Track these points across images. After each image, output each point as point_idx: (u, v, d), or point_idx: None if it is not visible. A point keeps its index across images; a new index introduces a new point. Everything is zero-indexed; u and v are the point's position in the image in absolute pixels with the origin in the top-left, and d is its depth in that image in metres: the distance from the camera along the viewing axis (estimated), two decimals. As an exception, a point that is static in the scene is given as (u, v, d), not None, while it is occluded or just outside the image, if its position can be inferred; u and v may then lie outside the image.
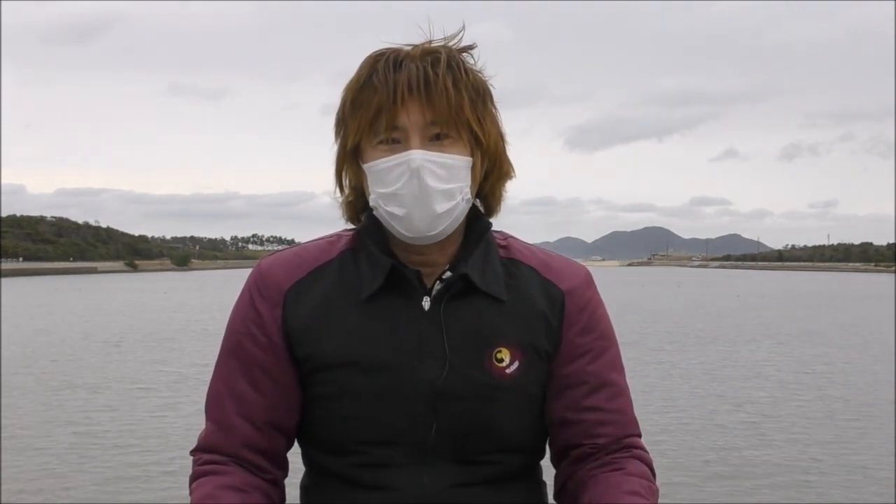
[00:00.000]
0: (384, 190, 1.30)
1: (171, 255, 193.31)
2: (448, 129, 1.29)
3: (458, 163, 1.30)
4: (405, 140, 1.29)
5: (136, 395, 14.47)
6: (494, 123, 1.35)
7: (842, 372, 17.66)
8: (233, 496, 1.32)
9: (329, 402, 1.35)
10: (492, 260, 1.39)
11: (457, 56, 1.31)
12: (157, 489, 8.75)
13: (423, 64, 1.28)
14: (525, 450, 1.40)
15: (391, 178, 1.29)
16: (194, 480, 1.37)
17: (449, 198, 1.30)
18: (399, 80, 1.27)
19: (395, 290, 1.35)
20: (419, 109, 1.27)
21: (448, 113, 1.28)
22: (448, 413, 1.32)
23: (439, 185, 1.29)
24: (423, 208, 1.29)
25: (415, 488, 1.33)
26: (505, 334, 1.35)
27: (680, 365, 18.52)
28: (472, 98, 1.30)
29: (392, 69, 1.28)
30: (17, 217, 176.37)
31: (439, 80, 1.27)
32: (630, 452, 1.39)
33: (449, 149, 1.30)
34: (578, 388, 1.38)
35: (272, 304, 1.37)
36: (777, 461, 9.94)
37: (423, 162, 1.27)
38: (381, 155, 1.30)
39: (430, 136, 1.29)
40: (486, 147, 1.34)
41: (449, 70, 1.28)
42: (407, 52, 1.31)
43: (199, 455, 1.40)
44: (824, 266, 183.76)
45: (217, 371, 1.42)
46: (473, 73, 1.32)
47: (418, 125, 1.28)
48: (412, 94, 1.27)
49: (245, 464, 1.37)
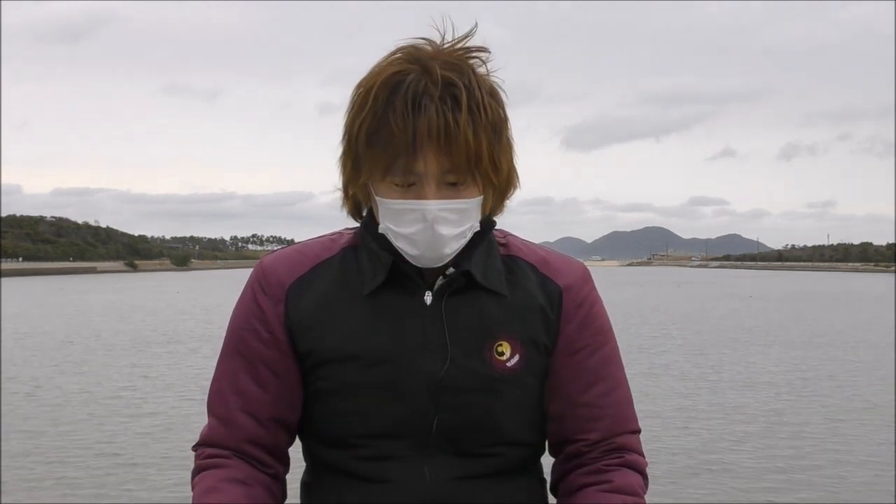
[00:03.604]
0: (396, 229, 1.31)
1: (170, 255, 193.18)
2: (464, 178, 1.29)
3: (471, 205, 1.31)
4: (420, 184, 1.28)
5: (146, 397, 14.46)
6: (507, 155, 1.33)
7: (842, 372, 17.64)
8: (236, 489, 1.33)
9: (331, 397, 1.36)
10: (493, 257, 1.40)
11: (477, 94, 1.27)
12: (157, 489, 8.74)
13: (442, 107, 1.25)
14: (525, 443, 1.41)
15: (404, 220, 1.30)
16: (197, 474, 1.38)
17: (460, 238, 1.32)
18: (419, 128, 1.24)
19: (396, 286, 1.36)
20: (436, 158, 1.26)
21: (466, 164, 1.27)
22: (449, 406, 1.33)
23: (452, 230, 1.30)
24: (435, 252, 1.31)
25: (416, 481, 1.34)
26: (506, 328, 1.36)
27: (680, 365, 18.52)
28: (489, 141, 1.28)
29: (411, 110, 1.25)
30: (17, 217, 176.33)
31: (460, 131, 1.25)
32: (621, 458, 1.38)
33: (463, 194, 1.30)
34: (575, 382, 1.40)
35: (275, 300, 1.39)
36: (776, 461, 9.93)
37: (438, 213, 1.28)
38: (395, 195, 1.29)
39: (446, 183, 1.29)
40: (499, 182, 1.33)
41: (469, 115, 1.26)
42: (425, 86, 1.26)
43: (201, 450, 1.40)
44: (824, 266, 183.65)
45: (219, 367, 1.43)
46: (492, 108, 1.29)
47: (435, 174, 1.27)
48: (431, 142, 1.25)
49: (247, 458, 1.38)
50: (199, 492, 1.34)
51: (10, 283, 74.50)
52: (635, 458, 1.39)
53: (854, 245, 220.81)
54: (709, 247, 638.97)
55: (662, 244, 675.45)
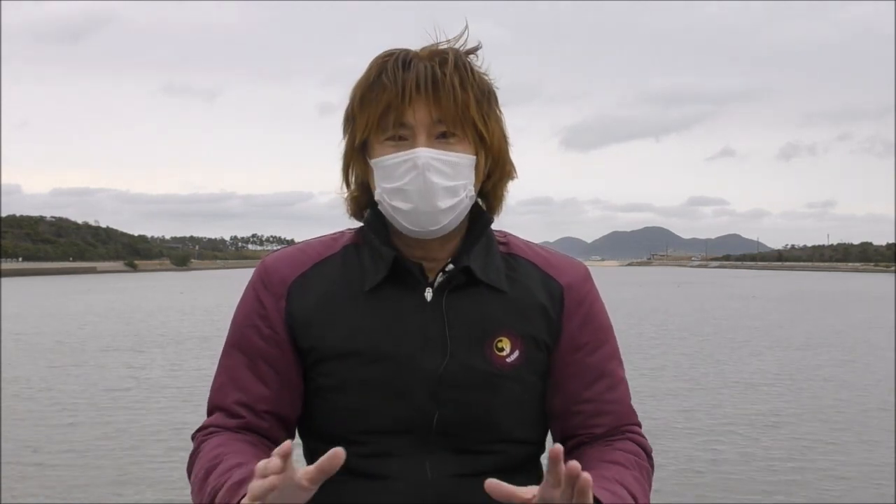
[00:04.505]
0: (390, 185, 1.33)
1: (170, 254, 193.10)
2: (454, 128, 1.33)
3: (463, 160, 1.34)
4: (412, 137, 1.32)
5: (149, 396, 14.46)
6: (499, 124, 1.39)
7: (842, 372, 17.64)
8: (243, 445, 1.33)
9: (332, 393, 1.37)
10: (492, 254, 1.42)
11: (464, 57, 1.35)
12: (158, 489, 8.74)
13: (431, 64, 1.33)
14: (526, 440, 1.41)
15: (397, 173, 1.32)
16: (198, 446, 1.36)
17: (453, 194, 1.34)
18: (407, 79, 1.31)
19: (397, 283, 1.37)
20: (426, 108, 1.31)
21: (454, 112, 1.31)
22: (450, 402, 1.34)
23: (444, 181, 1.32)
24: (428, 204, 1.32)
25: (418, 478, 1.34)
26: (505, 324, 1.38)
27: (681, 365, 18.51)
28: (478, 98, 1.34)
29: (401, 68, 1.32)
30: (17, 217, 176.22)
31: (447, 79, 1.31)
32: (624, 436, 1.41)
33: (454, 147, 1.33)
34: (577, 379, 1.41)
35: (276, 296, 1.40)
36: (776, 461, 9.94)
37: (429, 159, 1.31)
38: (388, 151, 1.33)
39: (437, 135, 1.33)
40: (490, 146, 1.37)
41: (456, 70, 1.32)
42: (416, 53, 1.35)
43: (200, 434, 1.40)
44: (824, 266, 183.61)
45: (221, 363, 1.44)
46: (480, 75, 1.36)
47: (425, 123, 1.32)
48: (420, 93, 1.31)
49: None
50: (206, 451, 1.32)
51: (10, 283, 74.51)
52: (638, 437, 1.42)
53: (854, 245, 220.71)
54: (709, 247, 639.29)
55: (662, 244, 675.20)
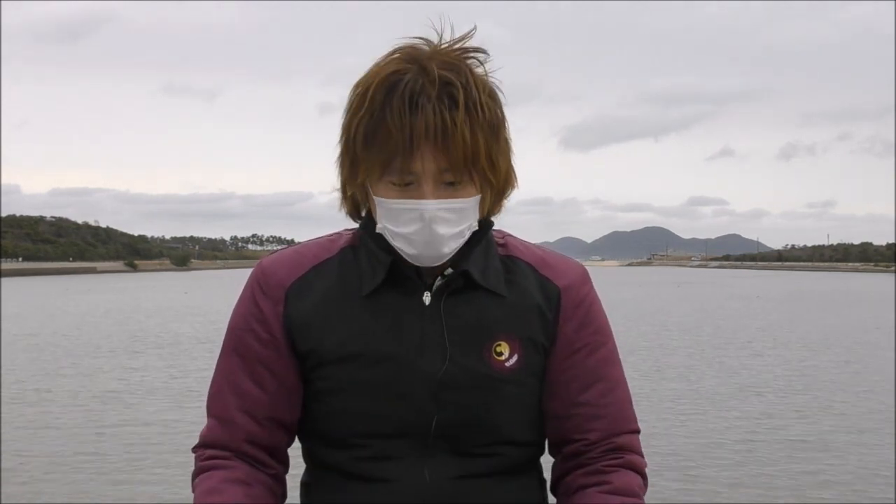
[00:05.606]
0: (394, 228, 1.31)
1: (170, 254, 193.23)
2: (461, 176, 1.29)
3: (469, 204, 1.31)
4: (418, 183, 1.28)
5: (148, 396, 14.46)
6: (506, 155, 1.34)
7: (841, 372, 17.63)
8: (237, 489, 1.34)
9: (331, 397, 1.36)
10: (491, 257, 1.41)
11: (474, 93, 1.27)
12: (159, 488, 8.74)
13: (439, 106, 1.25)
14: (525, 443, 1.41)
15: (402, 219, 1.30)
16: (197, 475, 1.39)
17: (458, 238, 1.32)
18: (415, 126, 1.24)
19: (395, 286, 1.36)
20: (434, 157, 1.26)
21: (464, 163, 1.27)
22: (449, 405, 1.34)
23: (450, 230, 1.30)
24: (433, 251, 1.31)
25: (416, 481, 1.34)
26: (504, 328, 1.37)
27: (680, 366, 18.52)
28: (487, 140, 1.28)
29: (408, 109, 1.25)
30: (17, 217, 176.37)
31: (457, 129, 1.25)
32: (620, 458, 1.38)
33: (460, 193, 1.30)
34: (573, 382, 1.40)
35: (274, 300, 1.39)
36: (776, 461, 9.94)
37: (435, 212, 1.28)
38: (392, 195, 1.30)
39: (444, 182, 1.29)
40: (497, 182, 1.34)
41: (466, 114, 1.26)
42: (422, 86, 1.26)
43: (201, 451, 1.41)
44: (824, 266, 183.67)
45: (219, 368, 1.43)
46: (489, 108, 1.29)
47: (432, 172, 1.27)
48: (428, 141, 1.25)
49: (247, 458, 1.39)
50: (200, 493, 1.35)
51: (10, 283, 74.52)
52: (635, 458, 1.40)
53: (854, 245, 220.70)
54: (708, 247, 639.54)
55: (662, 244, 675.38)
